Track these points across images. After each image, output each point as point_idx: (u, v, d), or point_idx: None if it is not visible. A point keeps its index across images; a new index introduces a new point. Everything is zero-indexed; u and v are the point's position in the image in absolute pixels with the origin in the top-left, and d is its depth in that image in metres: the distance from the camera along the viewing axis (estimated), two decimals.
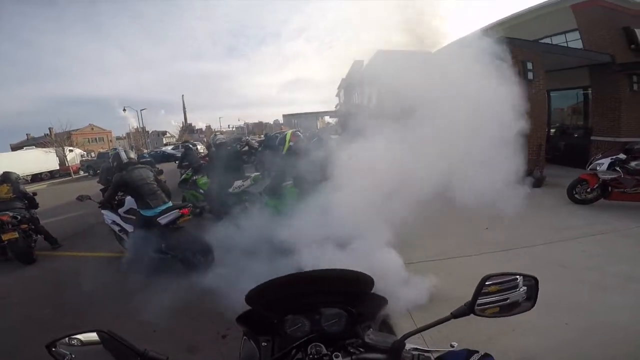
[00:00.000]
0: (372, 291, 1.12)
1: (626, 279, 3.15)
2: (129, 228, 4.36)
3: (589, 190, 5.57)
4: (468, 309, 0.86)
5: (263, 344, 1.02)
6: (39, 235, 5.56)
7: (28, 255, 5.11)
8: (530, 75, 7.48)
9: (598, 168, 5.38)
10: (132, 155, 4.56)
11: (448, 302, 2.91)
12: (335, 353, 0.87)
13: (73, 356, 0.78)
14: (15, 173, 5.78)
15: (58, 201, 8.15)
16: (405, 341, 0.86)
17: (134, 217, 4.26)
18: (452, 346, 0.92)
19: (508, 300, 0.90)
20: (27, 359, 2.58)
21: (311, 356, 0.86)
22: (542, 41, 9.81)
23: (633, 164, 5.15)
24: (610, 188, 5.35)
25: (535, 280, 0.92)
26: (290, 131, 4.86)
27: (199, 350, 2.70)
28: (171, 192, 4.53)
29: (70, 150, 24.30)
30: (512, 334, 2.46)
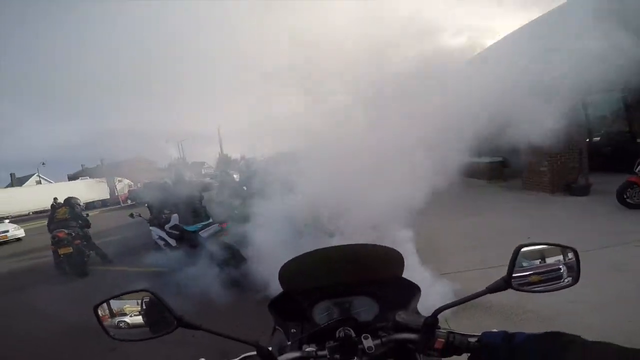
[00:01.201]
0: (403, 276, 1.11)
1: None
2: (172, 242, 4.70)
3: None
4: (505, 283, 0.79)
5: (292, 330, 1.01)
6: (91, 252, 6.17)
7: (82, 268, 5.74)
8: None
9: None
10: (179, 175, 5.13)
11: None
12: (364, 335, 0.84)
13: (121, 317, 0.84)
14: (76, 198, 6.63)
15: (109, 225, 8.99)
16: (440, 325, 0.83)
17: (177, 232, 4.59)
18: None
19: (547, 275, 0.84)
20: None
21: (339, 340, 0.83)
22: None
23: None
24: None
25: (575, 252, 0.85)
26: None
27: None
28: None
29: (120, 181, 26.26)
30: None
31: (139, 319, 0.85)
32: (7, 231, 13.42)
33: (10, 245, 12.64)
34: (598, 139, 9.82)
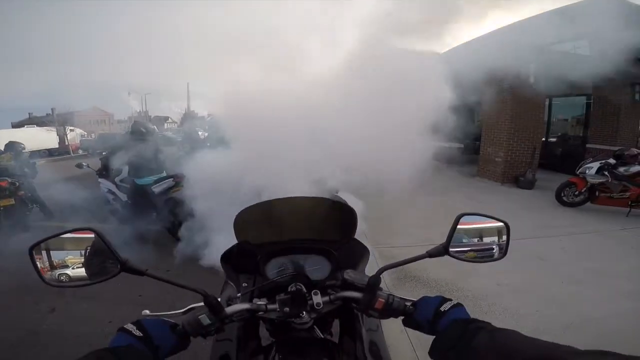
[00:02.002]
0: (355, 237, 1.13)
1: (599, 275, 3.31)
2: (122, 197, 4.48)
3: (576, 193, 5.70)
4: (443, 249, 0.83)
5: (244, 284, 1.01)
6: (34, 205, 5.60)
7: (23, 223, 5.07)
8: (532, 79, 7.44)
9: (587, 172, 5.48)
10: (147, 128, 4.72)
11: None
12: (314, 291, 0.86)
13: (58, 259, 0.77)
14: (20, 143, 5.90)
15: (56, 176, 8.25)
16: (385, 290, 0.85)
17: (128, 186, 4.39)
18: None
19: (481, 244, 0.90)
20: None
21: (290, 294, 0.84)
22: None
23: (621, 169, 5.25)
24: (597, 192, 5.47)
25: (507, 225, 0.90)
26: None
27: None
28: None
29: (71, 130, 24.38)
30: (485, 317, 2.53)
31: (80, 264, 0.78)
32: None
33: None
34: (554, 139, 10.52)
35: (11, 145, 5.77)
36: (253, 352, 0.89)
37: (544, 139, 9.73)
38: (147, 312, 0.87)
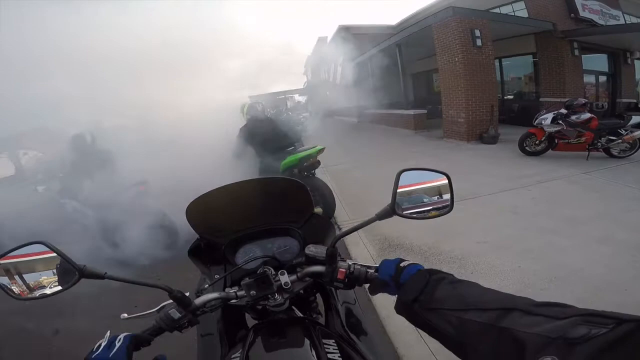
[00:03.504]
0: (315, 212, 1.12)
1: (572, 222, 3.40)
2: (90, 212, 4.33)
3: (537, 142, 6.07)
4: (391, 210, 0.81)
5: (216, 275, 0.99)
6: None
7: None
8: (478, 42, 7.93)
9: (543, 122, 5.83)
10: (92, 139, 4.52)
11: None
12: (280, 271, 0.86)
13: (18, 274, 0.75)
14: None
15: (12, 207, 7.77)
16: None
17: (94, 201, 4.25)
18: None
19: (427, 201, 0.88)
20: None
21: (255, 276, 0.83)
22: (492, 11, 10.38)
23: (573, 117, 5.62)
24: (556, 140, 5.84)
25: (448, 177, 0.87)
26: (248, 103, 4.71)
27: None
28: None
29: (25, 153, 22.61)
30: (470, 276, 2.57)
31: (56, 283, 0.77)
32: None
33: None
34: (511, 97, 11.25)
35: None
36: (235, 343, 0.89)
37: (500, 96, 10.42)
38: (125, 315, 0.88)
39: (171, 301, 0.79)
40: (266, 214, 1.08)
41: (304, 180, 3.91)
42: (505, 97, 11.13)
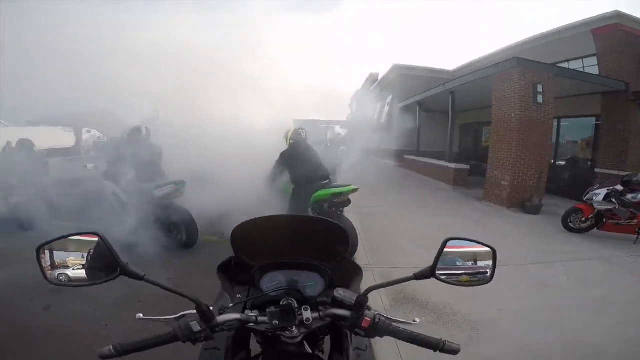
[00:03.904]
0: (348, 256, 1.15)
1: (602, 302, 3.23)
2: (124, 198, 4.58)
3: (583, 219, 5.61)
4: (430, 272, 0.85)
5: (238, 295, 1.03)
6: (43, 203, 5.70)
7: (29, 220, 5.09)
8: (539, 99, 7.41)
9: (594, 198, 5.39)
10: (147, 133, 4.83)
11: None
12: (304, 306, 0.88)
13: (62, 260, 0.82)
14: (30, 141, 6.05)
15: (66, 175, 8.40)
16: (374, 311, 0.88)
17: (131, 189, 4.48)
18: (414, 321, 0.96)
19: (469, 267, 0.92)
20: None
21: (281, 307, 0.86)
22: (559, 65, 9.65)
23: (629, 196, 5.15)
24: (604, 219, 5.39)
25: (494, 251, 0.92)
26: (293, 129, 4.85)
27: None
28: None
29: (88, 131, 24.79)
30: (483, 341, 2.51)
31: (80, 266, 0.82)
32: None
33: None
34: (563, 163, 10.24)
35: (22, 144, 5.93)
36: None
37: (551, 161, 9.56)
38: (141, 315, 0.93)
39: (192, 312, 0.82)
40: (301, 247, 1.11)
41: (331, 217, 3.92)
42: (556, 162, 10.23)
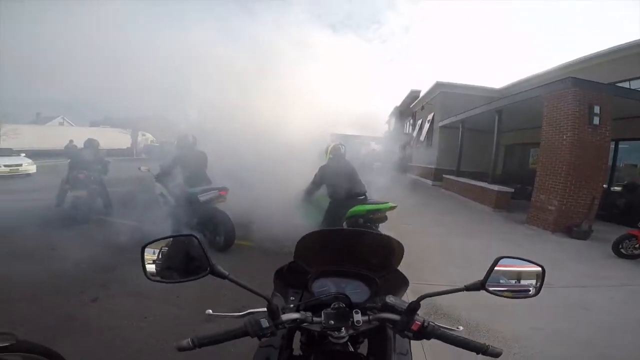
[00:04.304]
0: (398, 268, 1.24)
1: None
2: (171, 201, 4.94)
3: (637, 246, 5.27)
4: (480, 285, 0.91)
5: (291, 297, 1.12)
6: (100, 199, 6.20)
7: (87, 214, 5.64)
8: (595, 120, 6.93)
9: None
10: (194, 141, 5.15)
11: None
12: (355, 310, 0.95)
13: (160, 258, 0.94)
14: (96, 140, 6.63)
15: (122, 174, 9.06)
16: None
17: (178, 192, 4.83)
18: (458, 328, 1.00)
19: (517, 284, 0.99)
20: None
21: (335, 309, 0.94)
22: (619, 85, 9.06)
23: None
24: None
25: (543, 269, 0.99)
26: (333, 144, 4.93)
27: None
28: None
29: (143, 135, 26.61)
30: (511, 357, 2.51)
31: (174, 264, 0.95)
32: (20, 165, 13.16)
33: (21, 179, 12.33)
34: (619, 188, 9.43)
35: (90, 142, 6.49)
36: (289, 359, 1.00)
37: (606, 186, 8.88)
38: (210, 311, 1.03)
39: (263, 310, 0.92)
40: (353, 258, 1.21)
41: None
42: (611, 188, 9.42)
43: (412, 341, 1.10)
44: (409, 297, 3.22)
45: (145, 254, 0.92)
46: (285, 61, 7.85)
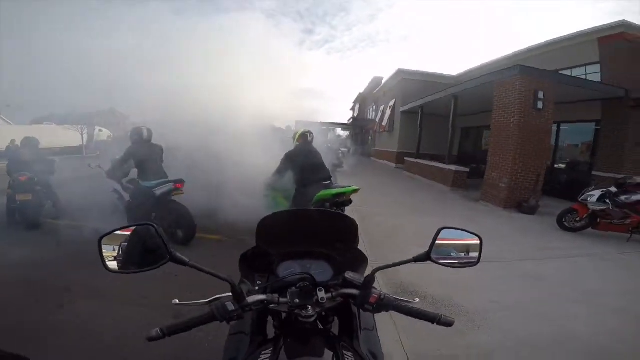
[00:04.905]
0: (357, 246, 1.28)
1: (592, 295, 3.35)
2: (126, 197, 4.70)
3: (578, 219, 5.74)
4: (426, 256, 0.99)
5: (258, 282, 1.14)
6: (49, 201, 5.65)
7: (36, 219, 5.17)
8: (539, 105, 7.57)
9: (589, 199, 5.50)
10: (149, 134, 4.90)
11: None
12: (319, 287, 0.98)
13: (118, 250, 0.93)
14: (35, 139, 6.02)
15: (71, 174, 8.40)
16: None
17: (133, 187, 4.61)
18: (414, 300, 1.04)
19: (460, 256, 1.07)
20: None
21: (300, 288, 0.97)
22: (562, 72, 9.90)
23: (622, 197, 5.27)
24: (598, 219, 5.49)
25: (481, 240, 1.08)
26: (301, 131, 4.86)
27: None
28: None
29: (100, 130, 24.58)
30: (477, 330, 2.62)
31: (132, 254, 0.93)
32: None
33: None
34: (563, 166, 10.42)
35: (28, 141, 5.88)
36: (261, 343, 1.01)
37: (550, 164, 9.78)
38: (177, 301, 1.01)
39: (228, 294, 0.93)
40: (315, 238, 1.24)
41: None
42: (555, 166, 10.43)
43: (380, 318, 1.17)
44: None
45: (103, 247, 0.91)
46: (241, 47, 7.64)
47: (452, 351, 2.33)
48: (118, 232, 0.93)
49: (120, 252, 0.93)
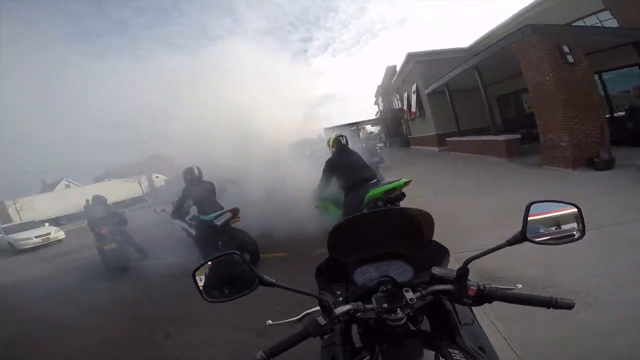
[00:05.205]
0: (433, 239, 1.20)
1: None
2: (193, 232, 5.13)
3: None
4: (522, 236, 0.86)
5: (337, 292, 1.09)
6: (130, 247, 6.46)
7: (125, 263, 6.00)
8: (570, 58, 7.13)
9: None
10: (199, 172, 5.25)
11: None
12: (405, 288, 0.93)
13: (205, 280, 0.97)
14: (102, 196, 6.83)
15: (141, 220, 9.33)
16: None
17: (196, 223, 5.05)
18: (517, 286, 0.95)
19: (558, 230, 0.94)
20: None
21: (385, 292, 0.92)
22: (576, 24, 9.61)
23: None
24: None
25: (579, 208, 0.94)
26: (333, 136, 4.80)
27: None
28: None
29: (157, 177, 26.37)
30: (589, 308, 2.38)
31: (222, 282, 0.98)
32: (49, 233, 13.94)
33: (53, 246, 13.04)
34: (623, 113, 9.52)
35: (96, 199, 6.74)
36: (353, 353, 0.98)
37: (608, 114, 9.08)
38: (270, 322, 1.04)
39: (316, 309, 0.92)
40: (388, 238, 1.19)
41: None
42: (614, 115, 9.56)
43: (474, 309, 1.08)
44: (453, 267, 3.20)
45: (197, 278, 0.95)
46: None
47: (564, 334, 2.13)
48: (207, 264, 0.97)
49: (212, 283, 0.97)
